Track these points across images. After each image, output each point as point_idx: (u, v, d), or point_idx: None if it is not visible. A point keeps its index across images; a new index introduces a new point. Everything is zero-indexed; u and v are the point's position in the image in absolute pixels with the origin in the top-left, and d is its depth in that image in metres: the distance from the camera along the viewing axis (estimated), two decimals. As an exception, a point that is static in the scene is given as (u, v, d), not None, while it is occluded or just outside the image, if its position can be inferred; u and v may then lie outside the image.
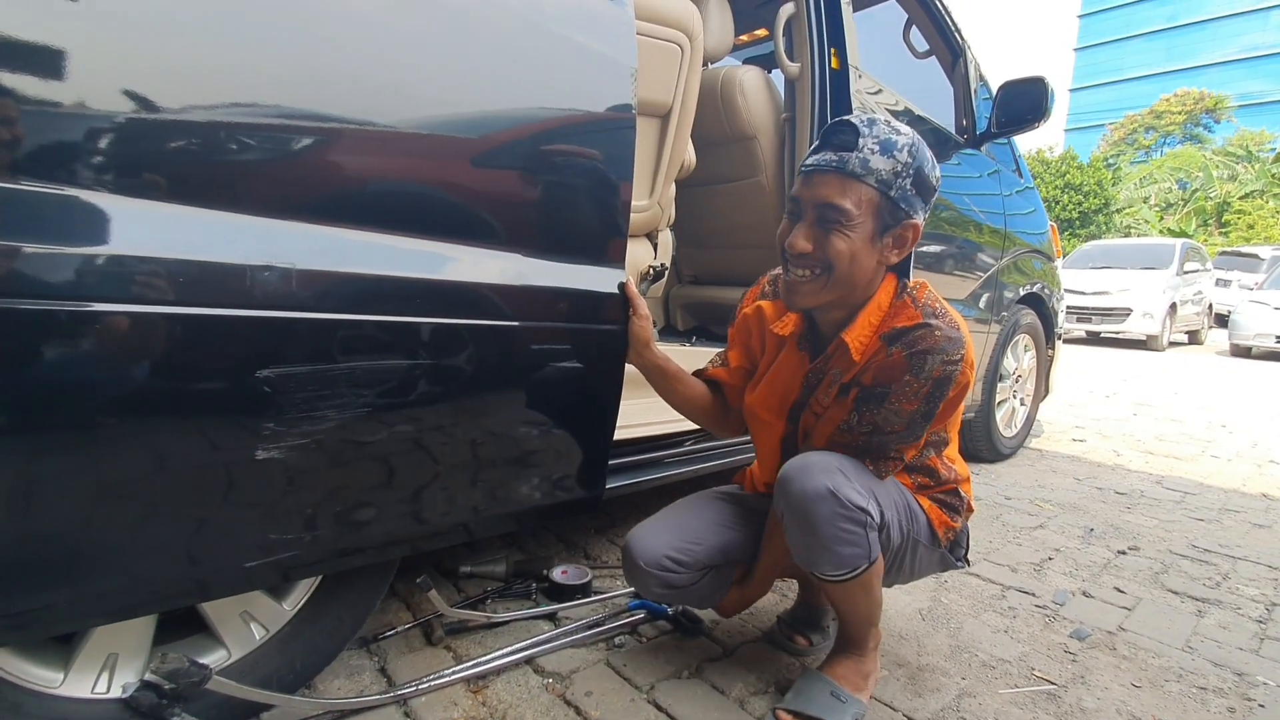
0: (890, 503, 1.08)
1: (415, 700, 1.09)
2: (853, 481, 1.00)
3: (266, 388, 0.77)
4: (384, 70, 0.83)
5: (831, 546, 0.99)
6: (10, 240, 0.61)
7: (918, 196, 0.97)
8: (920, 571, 1.19)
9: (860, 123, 0.96)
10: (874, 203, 0.96)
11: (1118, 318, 8.96)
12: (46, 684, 0.87)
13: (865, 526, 0.99)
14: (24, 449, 0.66)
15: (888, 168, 0.94)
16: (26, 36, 0.61)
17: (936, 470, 1.14)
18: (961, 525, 1.18)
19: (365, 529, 0.93)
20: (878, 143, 0.95)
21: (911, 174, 0.95)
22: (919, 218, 0.99)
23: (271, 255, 0.75)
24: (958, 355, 0.97)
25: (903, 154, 0.95)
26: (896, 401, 1.00)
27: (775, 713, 1.10)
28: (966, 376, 1.02)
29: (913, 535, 1.11)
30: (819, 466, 1.01)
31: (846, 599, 1.09)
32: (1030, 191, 2.89)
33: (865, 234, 0.97)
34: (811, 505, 0.98)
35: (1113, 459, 3.12)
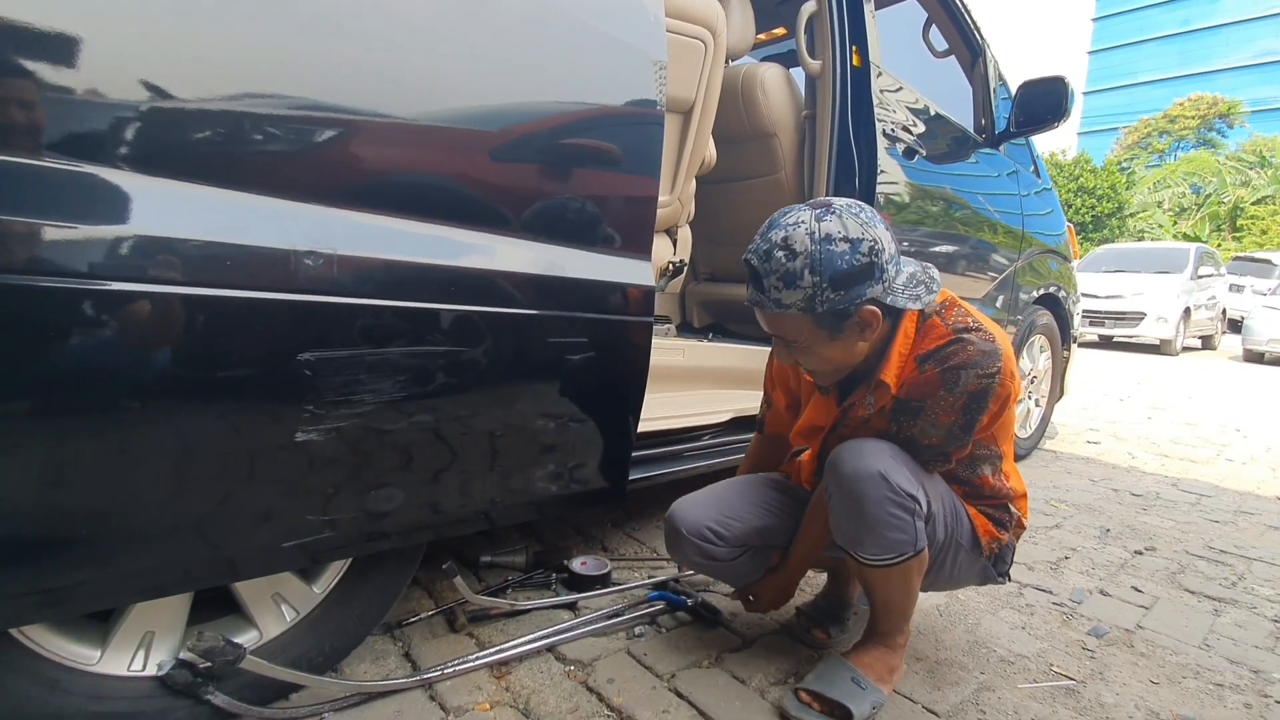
0: (938, 496, 1.09)
1: (441, 684, 1.10)
2: (903, 468, 1.02)
3: (307, 371, 0.79)
4: (430, 66, 0.85)
5: (878, 529, 1.01)
6: (75, 222, 0.63)
7: (853, 287, 0.94)
8: (960, 578, 1.18)
9: (758, 260, 0.97)
10: (808, 323, 0.98)
11: (1131, 322, 8.89)
12: (84, 661, 0.89)
13: (913, 514, 1.01)
14: (66, 428, 0.68)
15: (799, 297, 0.95)
16: (100, 27, 0.63)
17: (983, 486, 1.14)
18: (1009, 540, 1.17)
19: (393, 514, 0.94)
20: (779, 279, 0.95)
21: (827, 284, 0.93)
22: (873, 293, 0.96)
23: (316, 241, 0.77)
24: (994, 368, 0.98)
25: (805, 278, 0.93)
26: (932, 414, 1.01)
27: (796, 692, 1.11)
28: (1007, 388, 1.01)
29: (956, 537, 1.12)
30: (871, 450, 1.03)
31: (885, 587, 1.10)
32: (1048, 192, 2.89)
33: (823, 341, 1.01)
34: (863, 486, 1.00)
35: (1128, 461, 3.10)
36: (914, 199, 2.01)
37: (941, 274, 2.12)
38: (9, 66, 0.60)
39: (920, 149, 2.00)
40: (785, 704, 1.10)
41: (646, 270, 1.13)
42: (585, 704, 1.09)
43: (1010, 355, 1.02)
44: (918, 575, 1.09)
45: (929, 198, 2.09)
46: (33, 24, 0.60)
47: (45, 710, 0.84)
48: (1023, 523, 1.20)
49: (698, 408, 1.70)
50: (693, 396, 1.82)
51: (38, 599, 0.72)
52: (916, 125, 2.01)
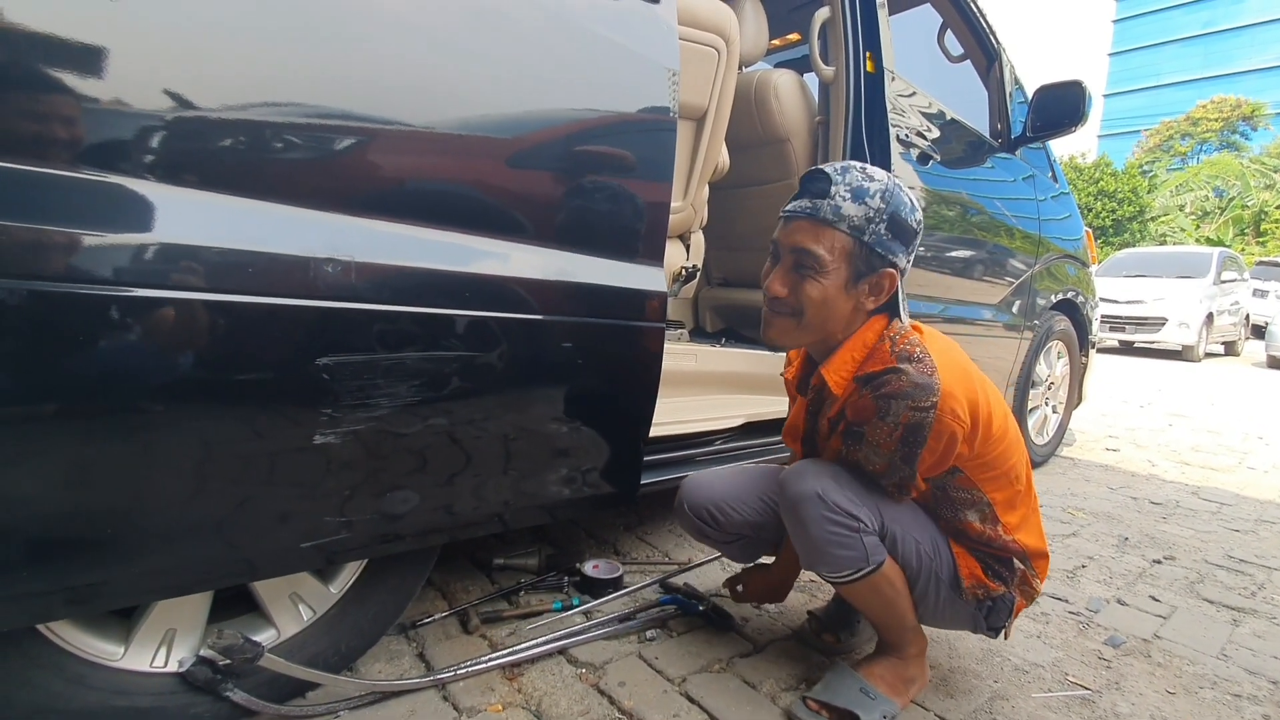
0: (900, 520, 1.06)
1: (454, 685, 1.12)
2: (844, 488, 1.03)
3: (326, 375, 0.80)
4: (447, 77, 0.87)
5: (823, 547, 1.03)
6: (105, 231, 0.65)
7: (895, 240, 0.98)
8: (947, 616, 1.13)
9: (834, 170, 0.99)
10: (847, 249, 0.97)
11: (1152, 327, 8.76)
12: (108, 657, 0.91)
13: (857, 531, 1.02)
14: (92, 430, 0.70)
15: (860, 214, 0.96)
16: (129, 42, 0.65)
17: (968, 530, 1.09)
18: (1004, 594, 1.10)
19: (408, 516, 0.96)
20: (849, 189, 0.96)
21: (885, 219, 0.96)
22: (900, 263, 1.00)
23: (335, 248, 0.79)
24: (926, 402, 0.93)
25: (875, 200, 0.96)
26: (873, 440, 0.99)
27: (804, 700, 1.11)
28: (948, 427, 0.95)
29: (935, 570, 1.08)
30: (813, 471, 1.05)
31: (860, 601, 1.10)
32: (1065, 196, 2.86)
33: (839, 280, 0.99)
34: (803, 507, 1.03)
35: (1147, 469, 3.06)
36: (929, 204, 2.01)
37: (957, 279, 2.15)
38: (38, 80, 0.62)
39: (935, 154, 1.99)
40: (795, 710, 1.10)
41: (659, 276, 1.14)
42: (597, 706, 1.10)
43: (956, 394, 0.95)
44: (890, 589, 1.07)
45: (944, 203, 2.08)
46: (58, 37, 0.62)
47: (70, 705, 0.86)
48: (1033, 584, 1.13)
49: (710, 412, 1.70)
50: (705, 401, 1.82)
51: (65, 596, 0.74)
52: (931, 130, 2.01)
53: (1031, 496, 1.14)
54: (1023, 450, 1.11)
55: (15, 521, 0.68)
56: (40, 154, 0.63)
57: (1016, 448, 1.09)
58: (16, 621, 0.76)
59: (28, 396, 0.65)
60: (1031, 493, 1.14)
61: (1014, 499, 1.10)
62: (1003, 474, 1.07)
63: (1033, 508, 1.14)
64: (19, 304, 0.62)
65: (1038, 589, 1.15)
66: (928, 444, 0.96)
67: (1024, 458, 1.11)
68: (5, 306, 0.61)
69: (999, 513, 1.08)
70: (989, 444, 1.03)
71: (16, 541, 0.69)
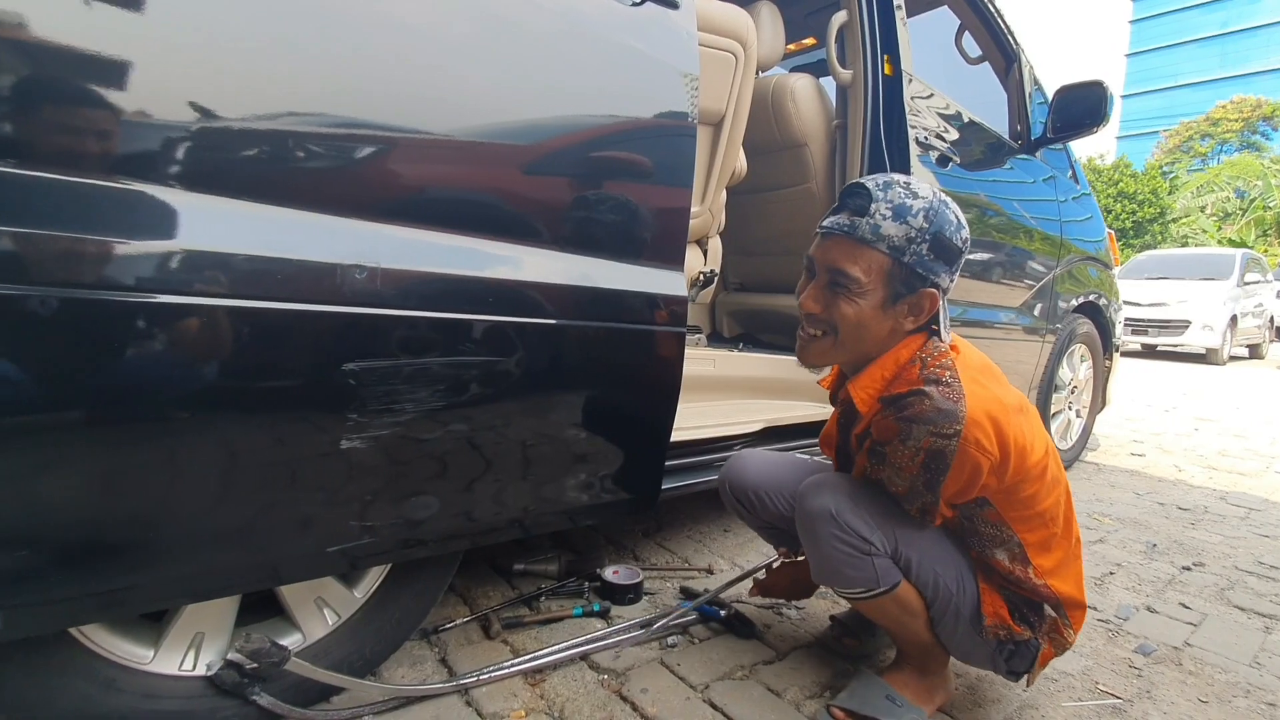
0: (917, 545, 1.03)
1: (476, 690, 1.12)
2: (860, 508, 1.00)
3: (352, 381, 0.81)
4: (472, 85, 0.88)
5: (833, 564, 1.02)
6: (132, 238, 0.66)
7: (938, 261, 0.94)
8: (963, 649, 1.08)
9: (875, 186, 0.94)
10: (884, 269, 0.94)
11: (1176, 330, 8.63)
12: (138, 660, 0.92)
13: (866, 554, 1.00)
14: (123, 437, 0.71)
15: (900, 234, 0.92)
16: (160, 54, 0.66)
17: (997, 568, 1.04)
18: (1030, 639, 1.03)
19: (431, 521, 0.96)
20: (891, 207, 0.92)
21: (928, 239, 0.92)
22: (943, 283, 0.96)
23: (361, 255, 0.79)
24: (949, 429, 0.88)
25: (917, 219, 0.92)
26: (895, 462, 0.95)
27: (829, 709, 1.10)
28: (973, 457, 0.90)
29: (956, 603, 1.03)
30: (829, 486, 1.03)
31: (871, 615, 1.10)
32: (1087, 198, 2.83)
33: (875, 301, 0.95)
34: (815, 523, 1.01)
35: (1174, 474, 3.01)
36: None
37: (978, 283, 2.13)
38: (68, 92, 0.64)
39: (954, 156, 1.98)
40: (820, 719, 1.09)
41: (680, 281, 1.14)
42: (619, 713, 1.09)
43: (982, 423, 0.89)
44: (903, 612, 1.04)
45: (963, 205, 2.03)
46: (88, 51, 0.63)
47: (101, 708, 0.87)
48: (1064, 634, 1.04)
49: (729, 418, 1.70)
50: (724, 406, 1.81)
51: (97, 599, 0.75)
52: (950, 133, 2.00)
53: (1071, 540, 1.06)
54: (1062, 490, 1.04)
55: (49, 527, 0.69)
56: (75, 163, 0.64)
57: (1054, 488, 1.01)
58: (51, 625, 0.77)
59: (62, 404, 0.66)
60: (1072, 536, 1.06)
61: (1049, 541, 1.02)
62: (1036, 515, 1.00)
63: (1073, 553, 1.06)
64: (52, 312, 0.63)
65: (1069, 640, 1.06)
66: (950, 471, 0.92)
67: (1063, 498, 1.04)
68: (39, 315, 0.62)
69: (1031, 554, 1.01)
70: (1024, 481, 0.97)
71: (51, 546, 0.70)
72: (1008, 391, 1.00)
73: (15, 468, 0.65)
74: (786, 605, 1.50)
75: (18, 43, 0.60)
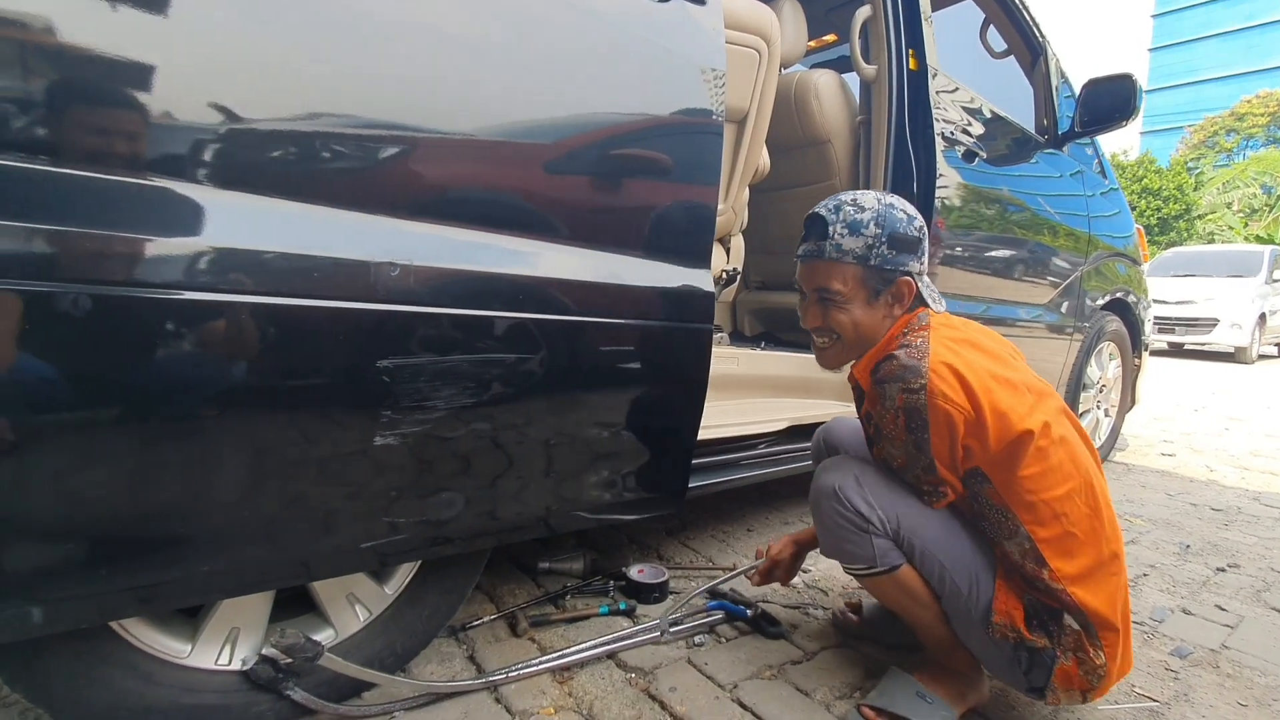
0: (922, 534, 1.03)
1: (505, 687, 1.12)
2: (864, 488, 1.04)
3: (386, 378, 0.81)
4: (499, 85, 0.88)
5: (834, 540, 1.09)
6: (165, 236, 0.67)
7: (901, 254, 1.05)
8: (983, 653, 1.05)
9: (827, 211, 1.07)
10: (858, 277, 1.06)
11: (1204, 328, 8.46)
12: (176, 654, 0.93)
13: (865, 531, 1.04)
14: (157, 434, 0.71)
15: (860, 245, 1.04)
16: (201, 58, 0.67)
17: (1007, 558, 1.02)
18: (1046, 649, 0.98)
19: (460, 518, 0.96)
20: (845, 225, 1.05)
21: (885, 240, 1.04)
22: (914, 267, 1.07)
23: (394, 252, 0.80)
24: (916, 384, 0.96)
25: (870, 228, 1.04)
26: (886, 431, 1.03)
27: (859, 709, 1.10)
28: (941, 408, 0.94)
29: (965, 600, 1.02)
30: (840, 466, 1.09)
31: (878, 595, 1.14)
32: (1115, 193, 2.78)
33: (860, 302, 1.07)
34: (819, 499, 1.09)
35: (1206, 474, 2.94)
36: (974, 203, 1.97)
37: (1003, 280, 2.10)
38: (105, 94, 0.65)
39: (980, 152, 1.96)
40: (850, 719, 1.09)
41: (706, 278, 1.13)
42: (649, 711, 1.09)
43: (944, 376, 0.95)
44: (906, 596, 1.06)
45: (990, 201, 2.04)
46: (124, 55, 0.65)
47: (141, 702, 0.88)
48: (1090, 654, 0.97)
49: (752, 416, 1.69)
50: (747, 405, 1.80)
51: (136, 594, 0.76)
52: (975, 127, 1.97)
53: (1102, 549, 0.99)
54: (1082, 487, 0.99)
55: (89, 522, 0.70)
56: (114, 162, 0.65)
57: (1066, 480, 0.98)
58: (91, 619, 0.78)
59: (101, 401, 0.67)
60: (1102, 545, 0.99)
61: (1067, 543, 0.98)
62: (1045, 505, 0.97)
63: (1108, 567, 0.99)
64: (88, 309, 0.64)
65: (1097, 663, 0.97)
66: (930, 429, 0.97)
67: (1084, 496, 0.99)
68: (78, 313, 0.63)
69: (1046, 553, 0.98)
70: (1017, 456, 0.97)
71: (90, 542, 0.71)
72: (995, 364, 1.02)
73: (55, 464, 0.66)
74: (814, 606, 1.49)
75: (54, 47, 0.61)
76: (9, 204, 0.60)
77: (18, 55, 0.60)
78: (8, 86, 0.60)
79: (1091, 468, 1.02)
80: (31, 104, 0.61)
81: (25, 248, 0.61)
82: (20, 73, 0.60)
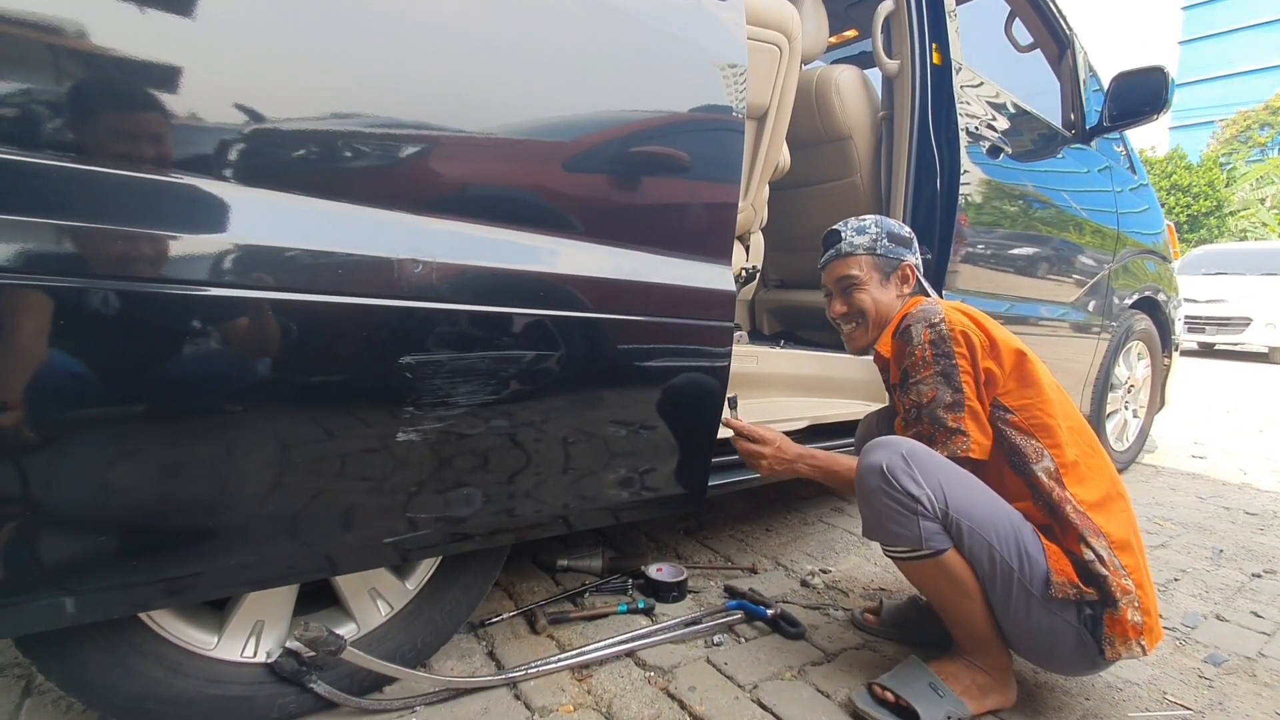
0: (969, 512, 1.03)
1: (525, 684, 1.12)
2: (912, 467, 1.03)
3: (408, 374, 0.82)
4: (520, 82, 0.89)
5: (879, 519, 1.07)
6: (211, 234, 0.68)
7: (899, 246, 1.29)
8: (1037, 629, 1.03)
9: (839, 225, 1.32)
10: (870, 263, 1.28)
11: (1236, 328, 8.24)
12: (203, 646, 0.95)
13: (914, 512, 1.02)
14: (185, 429, 0.72)
15: (866, 240, 1.28)
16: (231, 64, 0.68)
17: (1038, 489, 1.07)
18: (1097, 598, 1.00)
19: (481, 514, 0.97)
20: (853, 229, 1.30)
21: (885, 235, 1.28)
22: (910, 259, 1.29)
23: (417, 249, 0.80)
24: (936, 318, 1.12)
25: (872, 229, 1.29)
26: (915, 374, 1.13)
27: (870, 686, 1.10)
28: (962, 334, 1.10)
29: (1019, 577, 1.02)
30: (887, 445, 1.07)
31: (916, 581, 1.13)
32: (1144, 189, 2.72)
33: (875, 283, 1.28)
34: (865, 478, 1.07)
35: (1239, 477, 2.87)
36: (999, 199, 1.94)
37: (1028, 278, 2.07)
38: (133, 96, 0.66)
39: (1005, 147, 1.92)
40: (856, 698, 1.09)
41: (728, 275, 1.13)
42: (668, 711, 1.08)
43: (960, 317, 1.13)
44: (948, 584, 1.05)
45: (1015, 198, 2.01)
46: (152, 57, 0.66)
47: (169, 692, 0.90)
48: (1120, 579, 1.00)
49: (773, 415, 1.67)
50: (768, 404, 1.79)
51: (166, 586, 0.78)
52: (1000, 122, 1.94)
53: (1107, 486, 1.10)
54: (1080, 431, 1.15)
55: (119, 516, 0.72)
56: (148, 161, 0.66)
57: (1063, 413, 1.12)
58: (122, 609, 0.79)
59: (132, 396, 0.68)
60: (1106, 482, 1.11)
61: (1079, 472, 1.09)
62: (1055, 426, 1.09)
63: (1114, 500, 1.10)
64: (119, 305, 0.65)
65: (1130, 589, 1.00)
66: (954, 353, 1.09)
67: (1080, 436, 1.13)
68: (107, 308, 0.64)
69: (1065, 477, 1.07)
70: (1025, 372, 1.12)
71: (123, 534, 0.72)
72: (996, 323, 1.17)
73: (88, 458, 0.68)
74: (834, 606, 1.47)
75: (83, 51, 0.63)
76: (42, 201, 0.61)
77: (52, 60, 0.62)
78: (42, 89, 0.61)
79: (1079, 416, 1.19)
80: (62, 105, 0.62)
81: (59, 245, 0.62)
82: (53, 75, 0.62)
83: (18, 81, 0.60)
